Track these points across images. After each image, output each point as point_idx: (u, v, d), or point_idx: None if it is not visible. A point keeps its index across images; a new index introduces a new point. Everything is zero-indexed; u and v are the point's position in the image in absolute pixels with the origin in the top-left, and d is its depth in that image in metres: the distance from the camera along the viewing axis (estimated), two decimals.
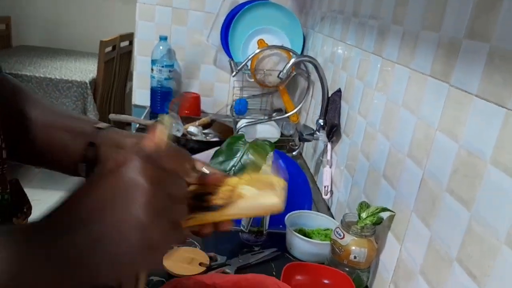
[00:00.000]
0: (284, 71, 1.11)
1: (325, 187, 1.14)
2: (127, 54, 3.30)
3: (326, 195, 1.14)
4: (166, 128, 0.41)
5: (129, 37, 3.25)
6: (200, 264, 0.83)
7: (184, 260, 0.82)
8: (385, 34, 0.91)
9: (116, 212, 0.34)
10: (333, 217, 1.07)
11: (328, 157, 1.16)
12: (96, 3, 3.74)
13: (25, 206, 0.53)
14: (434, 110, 0.68)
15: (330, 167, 1.16)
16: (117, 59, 3.02)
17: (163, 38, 1.66)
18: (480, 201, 0.55)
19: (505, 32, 0.53)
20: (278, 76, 1.13)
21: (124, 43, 3.17)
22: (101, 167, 0.37)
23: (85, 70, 2.90)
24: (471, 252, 0.56)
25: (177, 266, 0.80)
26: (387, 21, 0.90)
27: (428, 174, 0.69)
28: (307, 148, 1.45)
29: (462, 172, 0.60)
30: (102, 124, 0.54)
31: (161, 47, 1.66)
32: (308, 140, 1.20)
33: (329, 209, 1.16)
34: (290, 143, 1.57)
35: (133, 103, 1.84)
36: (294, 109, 1.48)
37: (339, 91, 1.14)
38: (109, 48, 2.81)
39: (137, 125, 1.50)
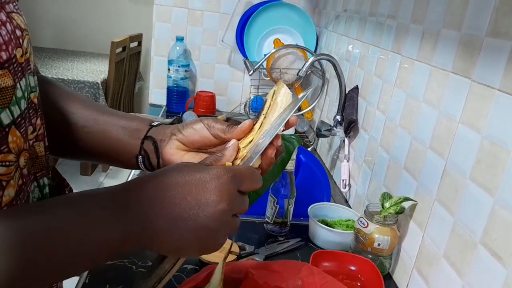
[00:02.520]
0: (304, 68, 1.15)
1: (343, 180, 1.18)
2: (136, 55, 3.35)
3: (344, 188, 1.18)
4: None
5: (138, 38, 3.29)
6: (231, 252, 0.87)
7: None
8: (404, 33, 0.95)
9: (191, 214, 0.42)
10: None
11: (346, 152, 1.20)
12: (105, 4, 3.79)
13: (67, 188, 0.58)
14: (456, 104, 0.73)
15: (348, 161, 1.20)
16: (126, 59, 3.06)
17: (180, 39, 1.70)
18: (504, 187, 0.59)
19: None
20: (297, 74, 1.17)
21: (133, 44, 3.21)
22: (194, 168, 0.45)
23: (96, 71, 2.95)
24: (495, 235, 0.60)
25: (209, 255, 0.85)
26: (406, 20, 0.94)
27: (451, 164, 0.73)
28: (322, 144, 1.50)
29: (485, 161, 0.64)
30: (154, 122, 0.60)
31: (177, 48, 1.71)
32: (326, 136, 1.24)
33: (346, 201, 1.20)
34: (305, 140, 1.61)
35: (149, 102, 1.88)
36: (309, 106, 1.53)
37: (356, 88, 1.19)
38: (119, 49, 2.86)
39: None
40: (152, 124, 0.59)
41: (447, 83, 0.76)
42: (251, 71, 1.43)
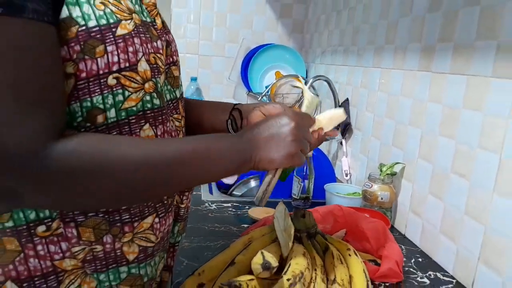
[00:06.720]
0: (306, 87, 1.51)
1: (344, 171, 1.51)
2: None
3: (346, 176, 1.50)
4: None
5: None
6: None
7: (264, 212, 1.16)
8: (381, 52, 1.33)
9: (277, 133, 0.64)
10: None
11: (344, 150, 1.54)
12: None
13: None
14: (424, 91, 1.08)
15: (346, 156, 1.53)
16: None
17: (193, 79, 2.05)
18: (460, 131, 0.94)
19: (465, 33, 0.94)
20: (301, 92, 1.53)
21: None
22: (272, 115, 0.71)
23: None
24: (461, 163, 0.94)
25: (259, 215, 1.14)
26: (382, 43, 1.32)
27: (426, 130, 1.07)
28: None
29: (448, 120, 0.99)
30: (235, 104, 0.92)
31: (192, 87, 2.05)
32: (326, 140, 1.57)
33: None
34: None
35: None
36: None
37: (347, 99, 1.55)
38: None
39: None
40: (235, 104, 0.92)
41: (416, 79, 1.13)
42: (260, 97, 1.78)
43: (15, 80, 0.46)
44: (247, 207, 1.25)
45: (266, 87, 1.91)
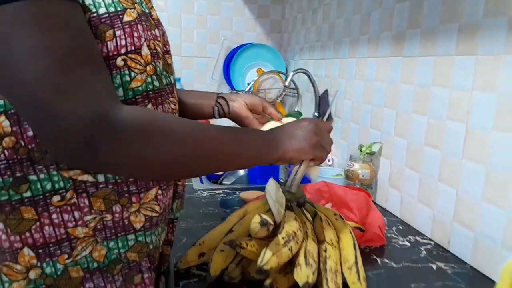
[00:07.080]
0: (288, 79, 1.59)
1: None
2: None
3: (329, 162, 1.59)
4: None
5: None
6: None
7: (255, 194, 1.23)
8: (356, 43, 1.42)
9: (300, 130, 0.76)
10: None
11: None
12: None
13: None
14: (396, 74, 1.18)
15: None
16: None
17: (177, 79, 2.12)
18: (432, 108, 1.03)
19: (431, 20, 1.04)
20: (283, 84, 1.61)
21: None
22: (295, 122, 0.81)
23: None
24: (434, 136, 1.03)
25: (251, 196, 1.21)
26: (356, 35, 1.42)
27: (400, 110, 1.17)
28: None
29: (419, 98, 1.08)
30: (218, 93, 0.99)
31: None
32: None
33: None
34: None
35: None
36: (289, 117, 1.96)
37: (326, 91, 1.63)
38: None
39: None
40: (218, 94, 0.99)
41: (388, 64, 1.22)
42: (243, 92, 1.85)
43: (74, 51, 0.53)
44: (238, 192, 1.32)
45: (249, 84, 1.99)
